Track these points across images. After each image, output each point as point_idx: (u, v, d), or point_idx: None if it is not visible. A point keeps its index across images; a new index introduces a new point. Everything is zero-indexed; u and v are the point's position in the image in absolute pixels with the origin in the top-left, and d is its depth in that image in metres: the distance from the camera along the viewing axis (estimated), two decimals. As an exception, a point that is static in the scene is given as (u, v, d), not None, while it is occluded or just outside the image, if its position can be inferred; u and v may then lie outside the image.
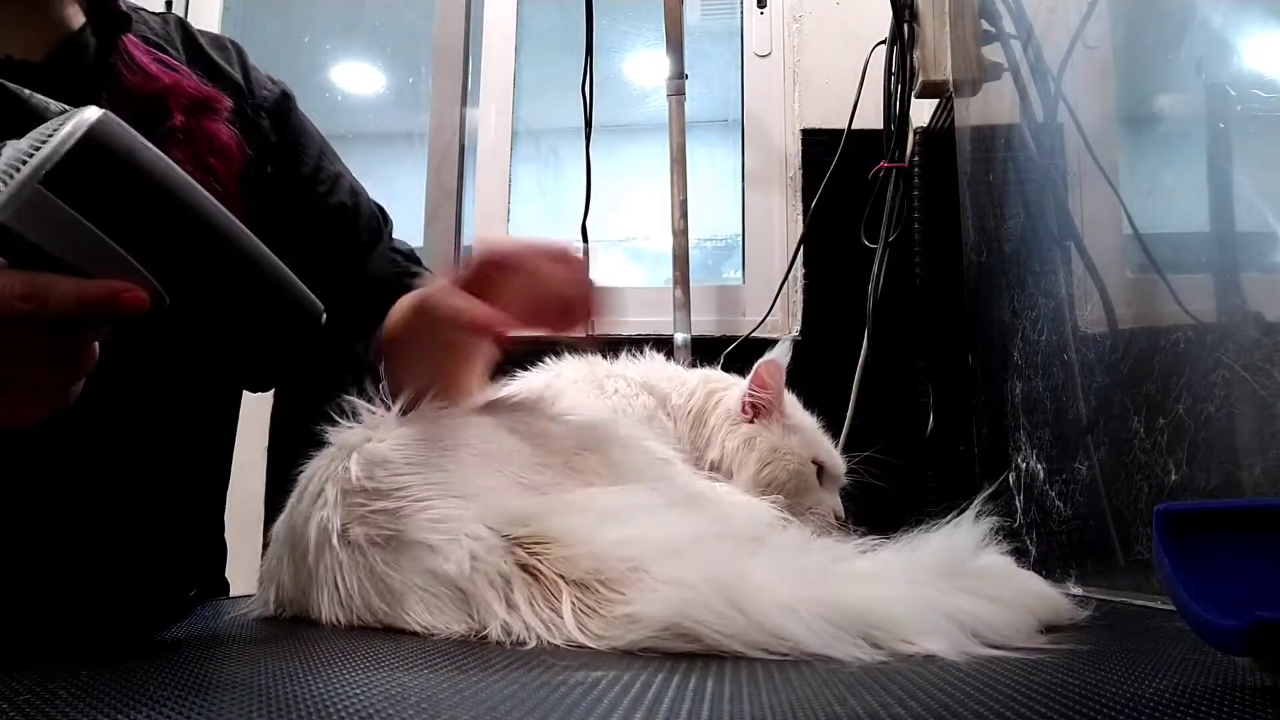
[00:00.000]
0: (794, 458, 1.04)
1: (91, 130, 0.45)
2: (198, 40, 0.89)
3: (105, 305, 0.46)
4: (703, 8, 2.07)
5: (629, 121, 2.19)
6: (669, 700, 0.40)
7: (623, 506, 0.64)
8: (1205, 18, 0.77)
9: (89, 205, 0.45)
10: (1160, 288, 0.86)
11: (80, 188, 0.44)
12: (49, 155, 0.44)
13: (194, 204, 0.48)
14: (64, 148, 0.44)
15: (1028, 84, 1.20)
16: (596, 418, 0.84)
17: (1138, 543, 0.84)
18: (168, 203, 0.47)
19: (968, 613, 0.54)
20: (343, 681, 0.44)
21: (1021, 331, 1.15)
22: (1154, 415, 0.80)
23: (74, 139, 0.44)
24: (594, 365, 1.12)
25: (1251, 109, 0.70)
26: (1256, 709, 0.36)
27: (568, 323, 0.76)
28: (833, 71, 1.82)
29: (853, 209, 1.65)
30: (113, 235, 0.46)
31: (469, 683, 0.44)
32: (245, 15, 2.16)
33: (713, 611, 0.52)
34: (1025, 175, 1.20)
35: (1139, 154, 0.96)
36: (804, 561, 0.62)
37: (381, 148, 2.43)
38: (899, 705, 0.38)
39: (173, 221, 0.48)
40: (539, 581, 0.60)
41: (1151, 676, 0.43)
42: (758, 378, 1.06)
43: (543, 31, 2.10)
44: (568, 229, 1.81)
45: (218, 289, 0.50)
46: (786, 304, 1.77)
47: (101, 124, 0.45)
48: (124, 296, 0.46)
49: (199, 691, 0.42)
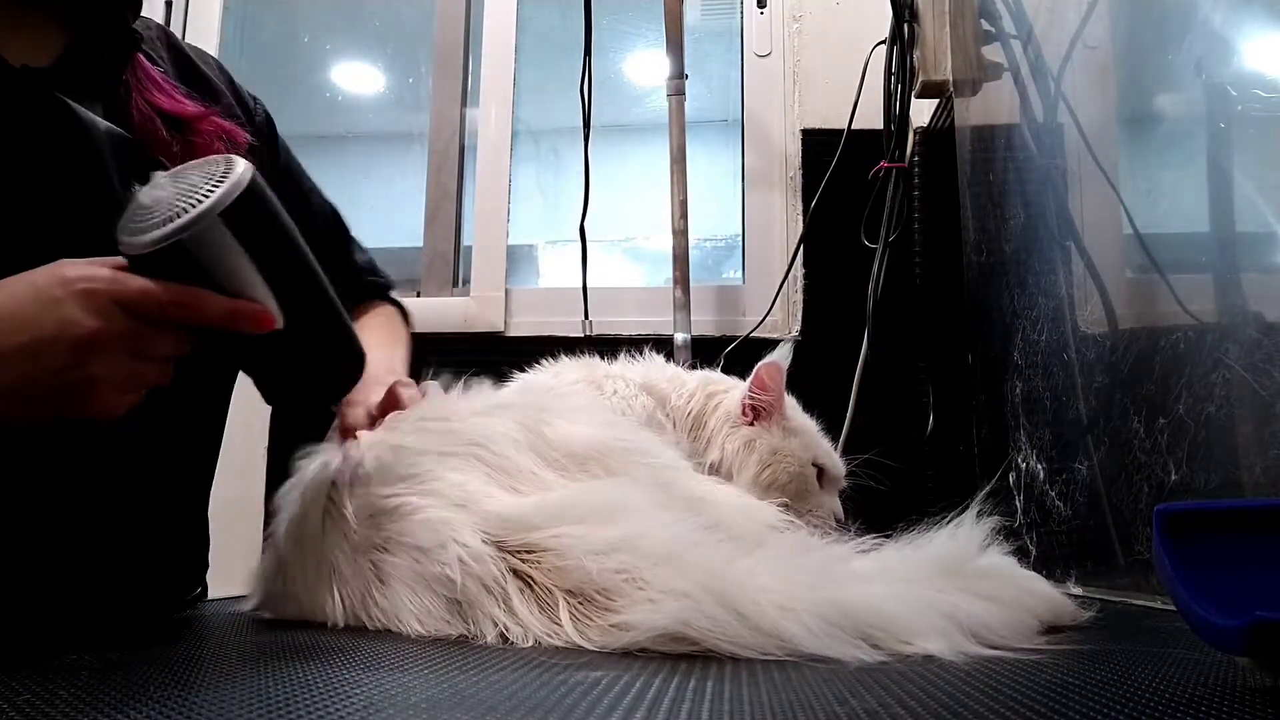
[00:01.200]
0: (794, 460, 1.04)
1: (254, 178, 0.55)
2: (184, 51, 0.90)
3: (248, 321, 0.55)
4: (703, 8, 2.07)
5: (629, 121, 2.19)
6: (669, 700, 0.40)
7: (618, 509, 0.64)
8: (1205, 18, 0.77)
9: (245, 239, 0.54)
10: (1160, 288, 0.86)
11: (241, 224, 0.54)
12: (228, 192, 0.53)
13: (305, 249, 0.58)
14: (239, 189, 0.54)
15: (1028, 84, 1.20)
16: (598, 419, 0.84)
17: (1138, 543, 0.84)
18: (294, 245, 0.58)
19: (967, 613, 0.54)
20: (343, 681, 0.44)
21: (1021, 331, 1.15)
22: (1154, 415, 0.80)
23: (245, 183, 0.54)
24: (593, 366, 1.12)
25: (1252, 109, 0.70)
26: (1256, 709, 0.36)
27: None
28: (833, 71, 1.82)
29: (853, 209, 1.65)
30: (258, 266, 0.55)
31: (469, 683, 0.44)
32: (245, 15, 2.16)
33: (709, 618, 0.52)
34: (1025, 175, 1.20)
35: (1139, 154, 0.96)
36: (803, 562, 0.62)
37: (381, 148, 2.42)
38: (899, 705, 0.38)
39: (294, 261, 0.58)
40: (533, 589, 0.60)
41: (1151, 676, 0.43)
42: (758, 380, 1.05)
43: (543, 31, 2.09)
44: (567, 229, 1.81)
45: (309, 320, 0.59)
46: (786, 304, 1.77)
47: (258, 177, 0.55)
48: (262, 316, 0.56)
49: (199, 691, 0.42)
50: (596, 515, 0.63)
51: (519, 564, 0.61)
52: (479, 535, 0.62)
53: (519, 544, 0.62)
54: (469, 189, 1.96)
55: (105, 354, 0.53)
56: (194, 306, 0.54)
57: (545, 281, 2.13)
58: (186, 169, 0.56)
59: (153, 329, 0.54)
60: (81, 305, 0.52)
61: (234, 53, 2.08)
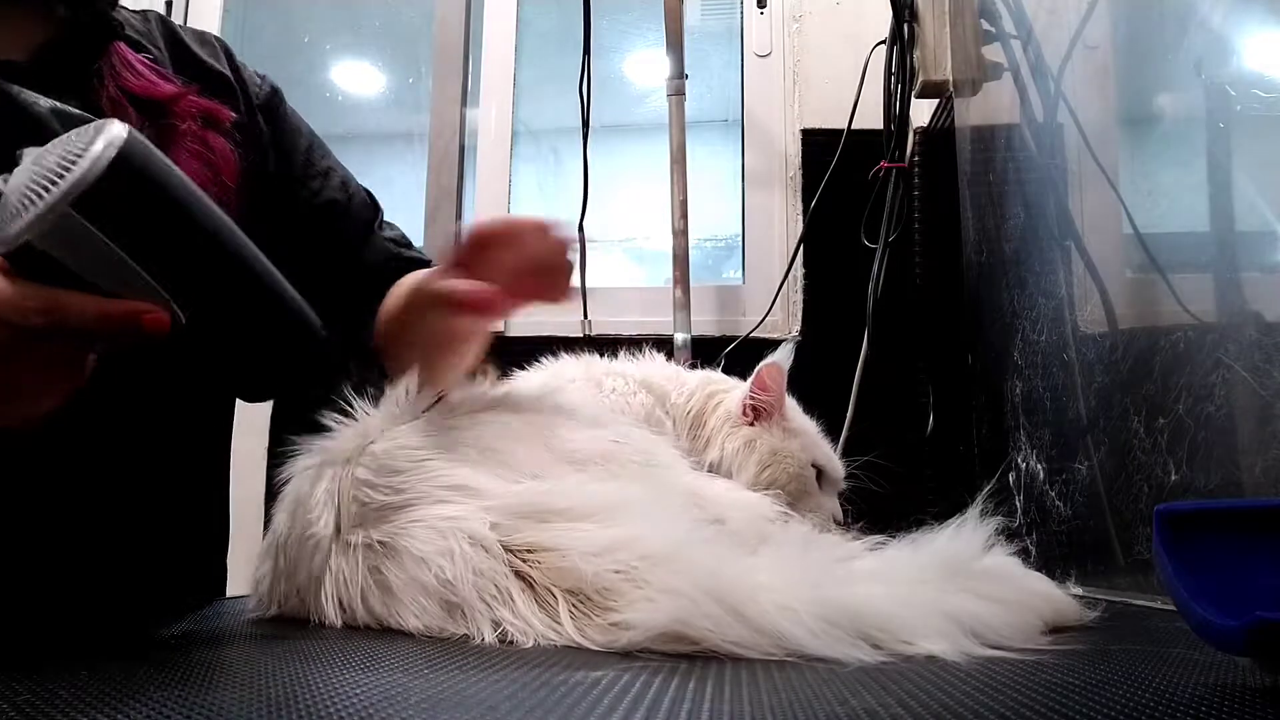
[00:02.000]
0: (794, 461, 1.04)
1: (122, 152, 0.45)
2: (181, 37, 0.89)
3: (126, 325, 0.47)
4: (703, 8, 2.07)
5: (629, 121, 2.19)
6: (669, 700, 0.40)
7: (619, 508, 0.64)
8: (1205, 18, 0.77)
9: (115, 227, 0.45)
10: (1160, 287, 0.86)
11: (107, 210, 0.45)
12: (80, 178, 0.44)
13: (212, 225, 0.49)
14: (95, 171, 0.44)
15: (1028, 84, 1.20)
16: (600, 417, 0.84)
17: (1138, 543, 0.84)
18: (189, 225, 0.48)
19: (969, 613, 0.54)
20: (342, 681, 0.44)
21: (1021, 331, 1.15)
22: (1154, 415, 0.80)
23: (105, 161, 0.44)
24: (591, 364, 1.12)
25: (1251, 109, 0.70)
26: (1256, 709, 0.36)
27: (547, 290, 0.78)
28: (833, 71, 1.82)
29: (853, 209, 1.65)
30: (136, 256, 0.46)
31: (469, 683, 0.44)
32: (245, 15, 2.16)
33: (709, 617, 0.52)
34: (1025, 175, 1.20)
35: (1139, 154, 0.96)
36: (805, 561, 0.62)
37: (381, 148, 2.42)
38: (899, 705, 0.38)
39: (192, 243, 0.48)
40: (533, 589, 0.60)
41: (1151, 676, 0.43)
42: (759, 380, 1.05)
43: (542, 31, 2.09)
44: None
45: (228, 307, 0.50)
46: (786, 304, 1.77)
47: (130, 144, 0.45)
48: (146, 318, 0.47)
49: (199, 691, 0.42)
50: (598, 514, 0.63)
51: (520, 564, 0.61)
52: (482, 533, 0.62)
53: (521, 543, 0.62)
54: (469, 189, 1.96)
55: None
56: (58, 311, 0.46)
57: (545, 281, 2.13)
58: (51, 146, 0.46)
59: (28, 338, 0.47)
60: None
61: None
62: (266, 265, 0.52)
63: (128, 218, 0.45)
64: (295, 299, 0.54)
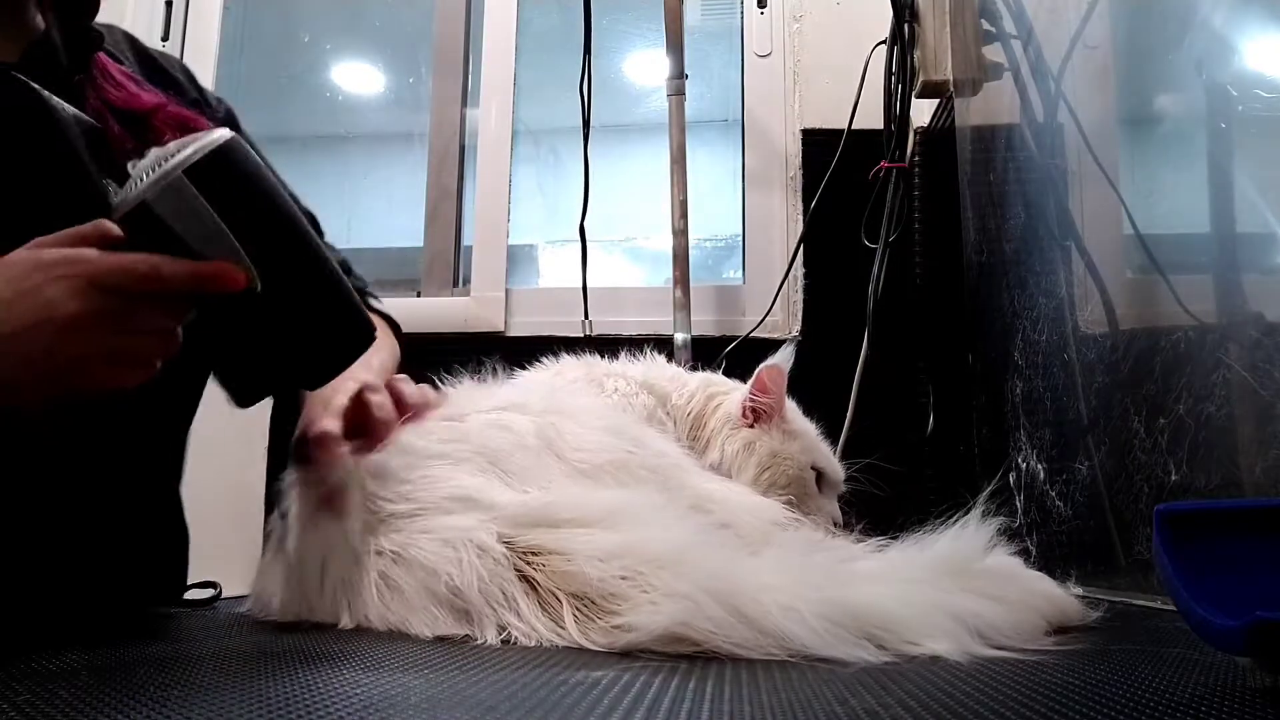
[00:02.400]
0: (793, 463, 1.03)
1: (228, 143, 0.55)
2: (149, 53, 0.91)
3: (212, 282, 0.54)
4: (703, 8, 2.07)
5: (629, 121, 2.19)
6: (669, 700, 0.40)
7: (625, 512, 0.64)
8: (1205, 18, 0.77)
9: (216, 199, 0.54)
10: (1161, 288, 0.86)
11: (212, 184, 0.54)
12: (191, 154, 0.54)
13: (290, 213, 0.58)
14: (203, 151, 0.54)
15: (1028, 84, 1.20)
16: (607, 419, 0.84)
17: (1138, 543, 0.84)
18: (273, 208, 0.57)
19: (972, 613, 0.54)
20: (343, 681, 0.44)
21: (1022, 331, 1.15)
22: (1154, 415, 0.80)
23: (212, 146, 0.54)
24: (593, 364, 1.12)
25: (1252, 109, 0.70)
26: (1256, 709, 0.36)
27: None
28: (833, 71, 1.82)
29: (853, 209, 1.65)
30: (230, 227, 0.55)
31: (469, 682, 0.44)
32: (245, 15, 2.16)
33: (711, 619, 0.52)
34: (1026, 175, 1.20)
35: (1139, 154, 0.96)
36: (808, 562, 0.62)
37: (381, 148, 2.42)
38: (899, 705, 0.38)
39: (275, 223, 0.57)
40: (537, 592, 0.60)
41: (1151, 676, 0.43)
42: (759, 382, 1.05)
43: (543, 31, 2.09)
44: (568, 229, 1.81)
45: (298, 291, 0.58)
46: (787, 304, 1.77)
47: (234, 140, 0.56)
48: (228, 275, 0.54)
49: (199, 691, 0.42)
50: (604, 519, 0.63)
51: (525, 567, 0.61)
52: (487, 537, 0.62)
53: (526, 546, 0.61)
54: (469, 189, 1.96)
55: (90, 334, 0.53)
56: (160, 271, 0.54)
57: (545, 282, 2.13)
58: (168, 145, 0.56)
59: (133, 304, 0.54)
60: (59, 289, 0.52)
61: (234, 53, 2.08)
62: (333, 264, 0.60)
63: (227, 194, 0.55)
64: (353, 296, 0.61)
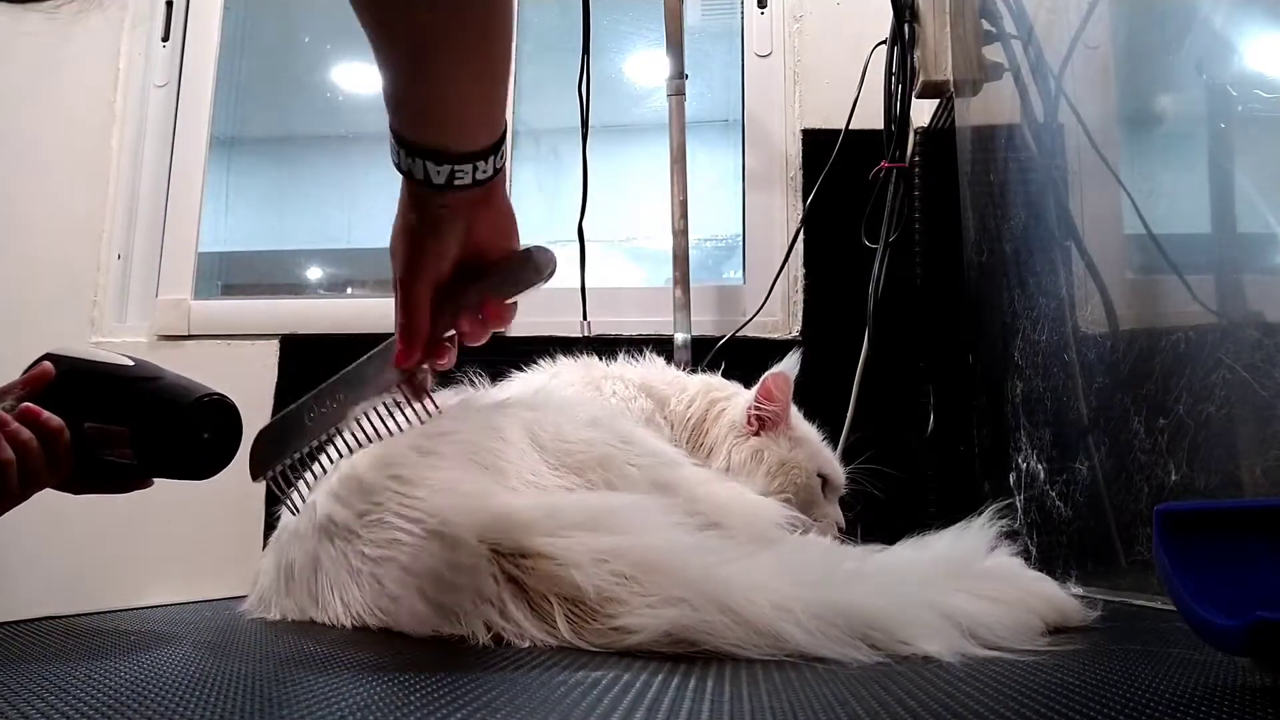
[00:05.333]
0: (801, 471, 1.03)
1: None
2: None
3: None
4: (703, 8, 2.07)
5: (629, 121, 2.19)
6: (669, 700, 0.40)
7: (617, 514, 0.63)
8: (1206, 18, 0.77)
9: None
10: (1161, 288, 0.86)
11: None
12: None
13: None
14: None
15: (1028, 84, 1.20)
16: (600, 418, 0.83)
17: (1138, 543, 0.84)
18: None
19: (967, 613, 0.54)
20: (340, 681, 0.44)
21: (1022, 331, 1.15)
22: (1154, 415, 0.80)
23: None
24: (591, 367, 1.11)
25: (1252, 109, 0.70)
26: (1256, 709, 0.36)
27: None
28: (833, 71, 1.82)
29: (853, 209, 1.65)
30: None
31: (469, 682, 0.44)
32: (245, 15, 2.16)
33: (706, 622, 0.52)
34: (1026, 175, 1.20)
35: (1140, 154, 0.96)
36: (802, 561, 0.62)
37: (382, 148, 2.41)
38: (898, 705, 0.38)
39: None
40: (527, 594, 0.59)
41: (1151, 676, 0.43)
42: (765, 390, 1.04)
43: (543, 31, 2.09)
44: (568, 228, 1.81)
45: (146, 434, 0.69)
46: (787, 304, 1.77)
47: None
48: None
49: (198, 692, 0.42)
50: (595, 521, 0.62)
51: (513, 570, 0.60)
52: (475, 539, 0.62)
53: (513, 548, 0.61)
54: (469, 189, 1.95)
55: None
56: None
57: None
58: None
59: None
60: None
61: (234, 53, 2.07)
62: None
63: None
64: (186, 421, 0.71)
